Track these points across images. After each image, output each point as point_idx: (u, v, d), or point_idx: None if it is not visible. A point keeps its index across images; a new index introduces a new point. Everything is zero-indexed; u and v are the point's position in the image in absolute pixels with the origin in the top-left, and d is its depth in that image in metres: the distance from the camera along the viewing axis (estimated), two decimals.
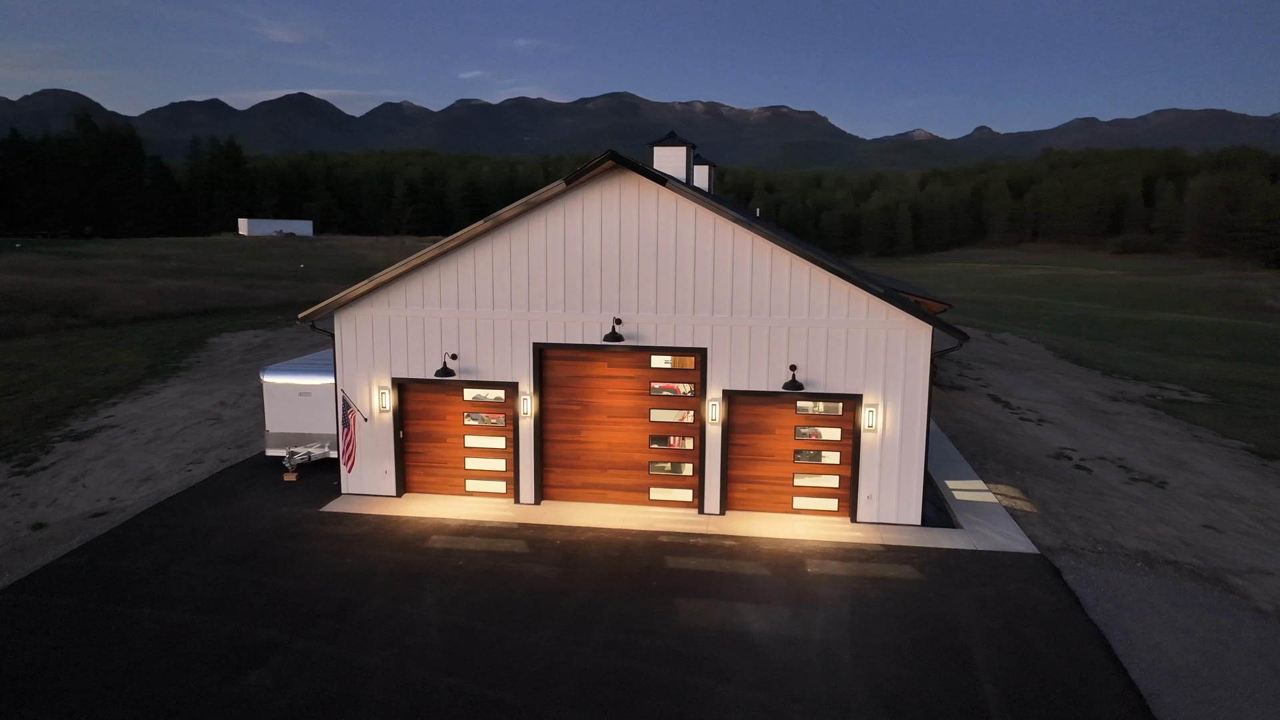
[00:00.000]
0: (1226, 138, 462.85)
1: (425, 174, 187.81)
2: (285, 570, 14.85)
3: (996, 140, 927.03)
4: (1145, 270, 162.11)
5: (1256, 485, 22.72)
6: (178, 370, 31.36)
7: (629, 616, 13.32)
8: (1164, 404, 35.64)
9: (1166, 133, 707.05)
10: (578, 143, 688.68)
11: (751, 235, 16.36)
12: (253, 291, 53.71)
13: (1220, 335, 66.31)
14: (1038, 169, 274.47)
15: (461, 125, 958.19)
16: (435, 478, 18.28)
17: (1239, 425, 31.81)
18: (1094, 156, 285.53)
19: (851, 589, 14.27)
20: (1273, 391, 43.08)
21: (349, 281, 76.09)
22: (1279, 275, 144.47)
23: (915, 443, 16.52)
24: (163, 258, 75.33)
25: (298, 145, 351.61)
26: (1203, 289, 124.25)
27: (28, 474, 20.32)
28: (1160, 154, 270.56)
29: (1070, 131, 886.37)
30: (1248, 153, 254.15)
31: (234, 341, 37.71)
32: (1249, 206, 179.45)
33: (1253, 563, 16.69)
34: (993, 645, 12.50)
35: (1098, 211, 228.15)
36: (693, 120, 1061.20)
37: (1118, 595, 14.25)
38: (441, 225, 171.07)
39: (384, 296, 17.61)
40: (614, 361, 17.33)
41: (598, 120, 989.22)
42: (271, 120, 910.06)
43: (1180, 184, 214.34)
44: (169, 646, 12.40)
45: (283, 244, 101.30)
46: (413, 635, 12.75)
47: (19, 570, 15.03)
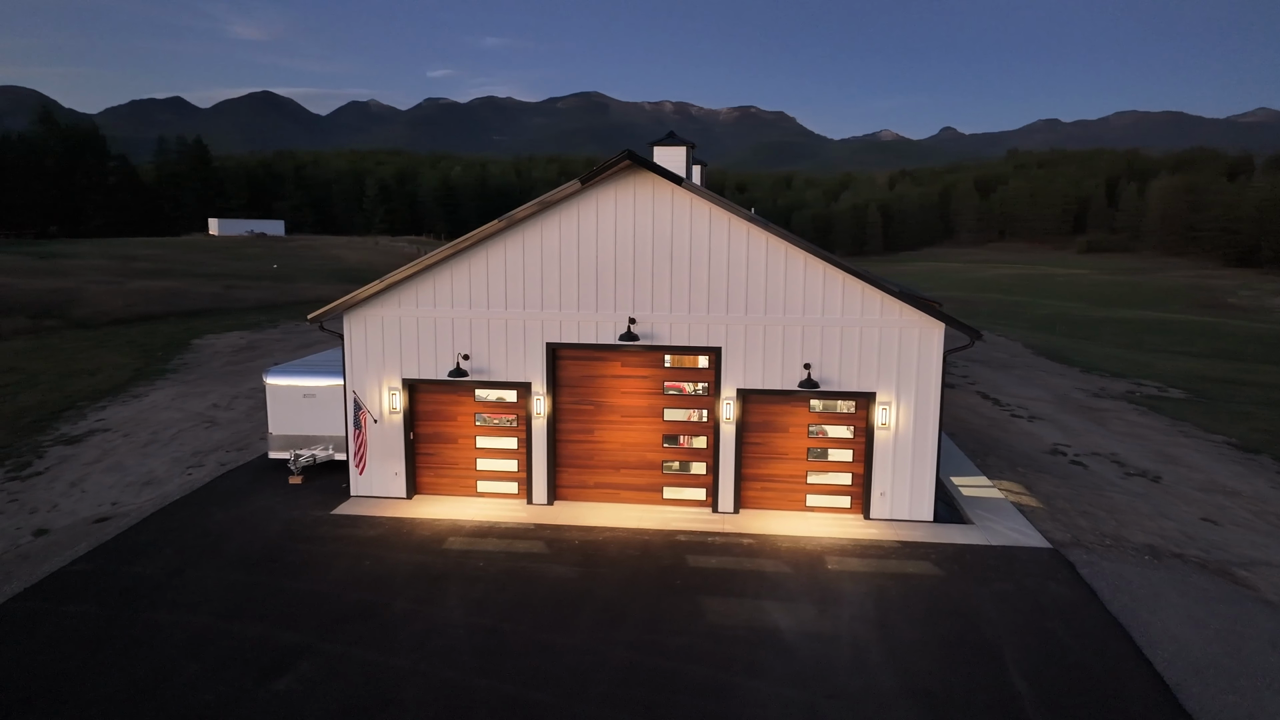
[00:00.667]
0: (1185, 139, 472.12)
1: (397, 173, 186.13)
2: (304, 574, 14.69)
3: (962, 141, 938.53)
4: (1111, 269, 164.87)
5: (1247, 479, 23.21)
6: (166, 372, 30.87)
7: (656, 615, 13.33)
8: (1145, 400, 36.31)
9: (1127, 134, 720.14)
10: (548, 142, 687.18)
11: (766, 235, 16.45)
12: (233, 292, 52.96)
13: (1191, 333, 67.67)
14: (1004, 169, 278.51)
15: (430, 124, 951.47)
16: (446, 479, 18.17)
17: (1219, 420, 32.48)
18: (1059, 157, 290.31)
19: (873, 585, 14.40)
20: (1246, 387, 44.03)
21: (327, 282, 75.73)
22: (1241, 274, 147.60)
23: (928, 440, 16.71)
24: (134, 258, 74.03)
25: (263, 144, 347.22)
26: (1168, 287, 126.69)
27: (22, 479, 19.90)
28: (1122, 155, 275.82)
29: (1034, 132, 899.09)
30: (1207, 153, 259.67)
31: (220, 343, 37.17)
32: (1210, 207, 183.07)
33: (1254, 555, 17.05)
34: (1018, 639, 12.68)
35: (1063, 211, 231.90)
36: (662, 120, 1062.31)
37: (1131, 589, 14.52)
38: (414, 225, 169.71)
39: (394, 297, 17.47)
40: (627, 361, 17.34)
41: (568, 120, 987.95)
42: (236, 118, 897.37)
43: (1142, 184, 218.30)
44: (194, 652, 12.22)
45: (255, 244, 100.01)
46: (441, 637, 12.68)
47: (27, 577, 14.74)
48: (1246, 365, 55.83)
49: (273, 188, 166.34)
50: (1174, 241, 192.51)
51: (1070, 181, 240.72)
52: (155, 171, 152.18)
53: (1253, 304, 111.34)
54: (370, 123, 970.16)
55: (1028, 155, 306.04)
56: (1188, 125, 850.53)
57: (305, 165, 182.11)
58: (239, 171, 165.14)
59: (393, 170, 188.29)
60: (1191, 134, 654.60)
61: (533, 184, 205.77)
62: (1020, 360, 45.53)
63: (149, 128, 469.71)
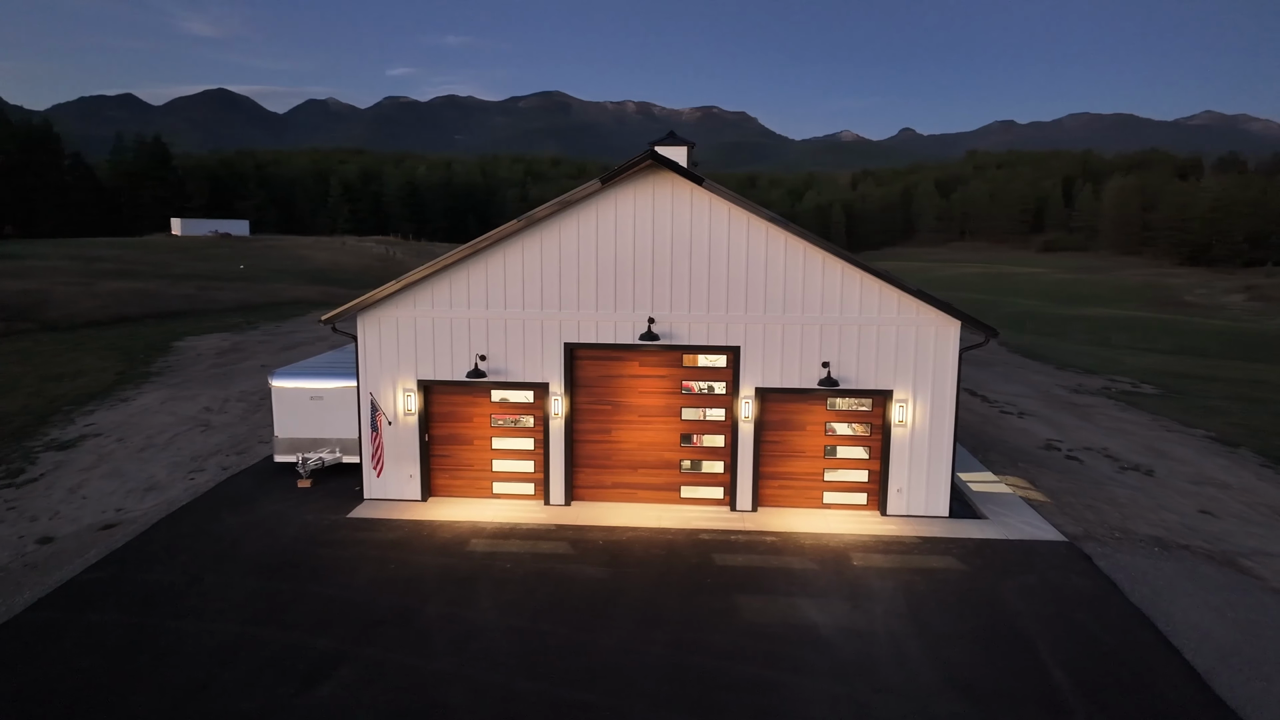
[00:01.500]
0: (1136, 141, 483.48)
1: (360, 173, 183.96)
2: (329, 578, 14.48)
3: (921, 141, 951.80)
4: (1070, 268, 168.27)
5: (1233, 472, 23.86)
6: (151, 375, 30.19)
7: (691, 614, 13.37)
8: (1121, 396, 37.16)
9: (1080, 135, 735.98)
10: (511, 141, 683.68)
11: (785, 234, 16.57)
12: (208, 293, 51.94)
13: (1155, 330, 69.34)
14: (964, 170, 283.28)
15: (391, 123, 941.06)
16: (461, 481, 18.02)
17: (1195, 415, 33.33)
18: (1016, 158, 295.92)
19: (900, 580, 14.57)
20: (1213, 383, 45.25)
21: (299, 282, 74.68)
22: (1195, 272, 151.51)
23: (944, 436, 16.95)
24: (96, 259, 72.32)
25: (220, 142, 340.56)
26: (1127, 285, 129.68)
27: (17, 486, 19.35)
28: (1078, 156, 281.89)
29: (990, 133, 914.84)
30: (1158, 155, 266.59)
31: (202, 345, 36.43)
32: (1162, 207, 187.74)
33: (1254, 545, 17.53)
34: (1050, 631, 12.91)
35: (1021, 211, 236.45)
36: (625, 120, 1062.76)
37: (1148, 579, 14.86)
38: (380, 225, 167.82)
39: (410, 297, 17.29)
40: (645, 361, 17.35)
41: (530, 119, 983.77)
42: (190, 116, 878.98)
43: (1097, 185, 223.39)
44: (227, 660, 12.00)
45: (220, 244, 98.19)
46: (478, 640, 12.59)
47: (39, 586, 14.35)
48: (1209, 361, 57.40)
49: (234, 187, 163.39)
50: (1129, 241, 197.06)
51: (1028, 182, 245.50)
52: (112, 170, 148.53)
53: (1208, 301, 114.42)
54: (330, 121, 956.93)
55: (986, 156, 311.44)
56: (1137, 127, 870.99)
57: (267, 164, 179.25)
58: (199, 170, 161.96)
59: (356, 169, 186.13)
60: (1141, 136, 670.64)
61: (498, 184, 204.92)
62: (999, 358, 46.30)
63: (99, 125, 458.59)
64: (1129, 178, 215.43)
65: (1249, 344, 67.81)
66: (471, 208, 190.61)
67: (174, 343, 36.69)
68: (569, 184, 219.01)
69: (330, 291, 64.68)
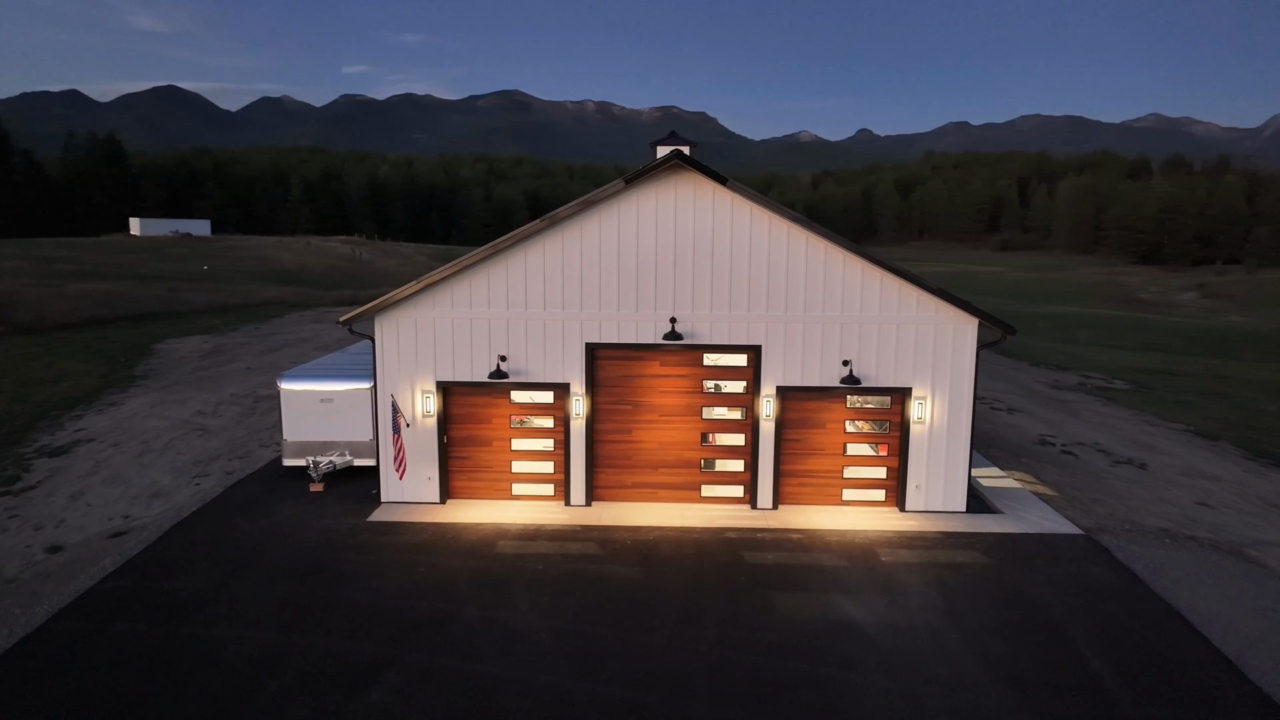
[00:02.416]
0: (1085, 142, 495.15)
1: (321, 171, 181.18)
2: (359, 583, 14.29)
3: (878, 142, 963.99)
4: (1027, 266, 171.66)
5: (1220, 464, 24.55)
6: (135, 379, 29.45)
7: (732, 612, 13.43)
8: (1097, 391, 38.05)
9: (1032, 136, 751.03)
10: (470, 141, 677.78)
11: (806, 233, 16.71)
12: (180, 295, 50.76)
13: (1118, 327, 71.06)
14: (922, 170, 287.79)
15: (347, 121, 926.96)
16: (480, 482, 17.88)
17: (1170, 409, 34.23)
18: (972, 159, 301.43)
19: (930, 575, 14.79)
20: (1179, 378, 46.50)
21: (268, 283, 73.41)
22: (1147, 270, 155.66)
23: (961, 433, 17.23)
24: (53, 260, 70.34)
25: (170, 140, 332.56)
26: (1084, 284, 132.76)
27: (15, 494, 18.78)
28: (1032, 157, 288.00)
29: (945, 134, 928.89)
30: (1108, 156, 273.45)
31: (183, 347, 35.62)
32: (1114, 207, 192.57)
33: (1255, 535, 18.06)
34: (1082, 622, 13.19)
35: (978, 211, 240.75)
36: (585, 119, 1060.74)
37: (1165, 570, 15.25)
38: (342, 224, 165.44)
39: (429, 298, 17.11)
40: (666, 360, 17.37)
41: (489, 118, 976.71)
42: (139, 113, 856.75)
43: (1051, 185, 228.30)
44: (269, 668, 11.79)
45: (181, 244, 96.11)
46: (523, 642, 12.52)
47: (57, 597, 13.95)
48: (1172, 357, 58.95)
49: (192, 186, 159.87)
50: (1083, 240, 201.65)
51: (984, 182, 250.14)
52: (64, 168, 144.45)
53: (1162, 299, 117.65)
54: (284, 119, 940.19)
55: (944, 157, 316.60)
56: (1087, 129, 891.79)
57: (226, 163, 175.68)
58: (154, 169, 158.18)
59: (317, 168, 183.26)
60: (1091, 137, 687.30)
61: (461, 183, 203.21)
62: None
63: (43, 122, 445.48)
64: (1081, 178, 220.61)
65: (1206, 340, 69.80)
66: (435, 207, 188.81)
67: (154, 345, 35.83)
68: (532, 184, 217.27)
69: (306, 292, 63.65)
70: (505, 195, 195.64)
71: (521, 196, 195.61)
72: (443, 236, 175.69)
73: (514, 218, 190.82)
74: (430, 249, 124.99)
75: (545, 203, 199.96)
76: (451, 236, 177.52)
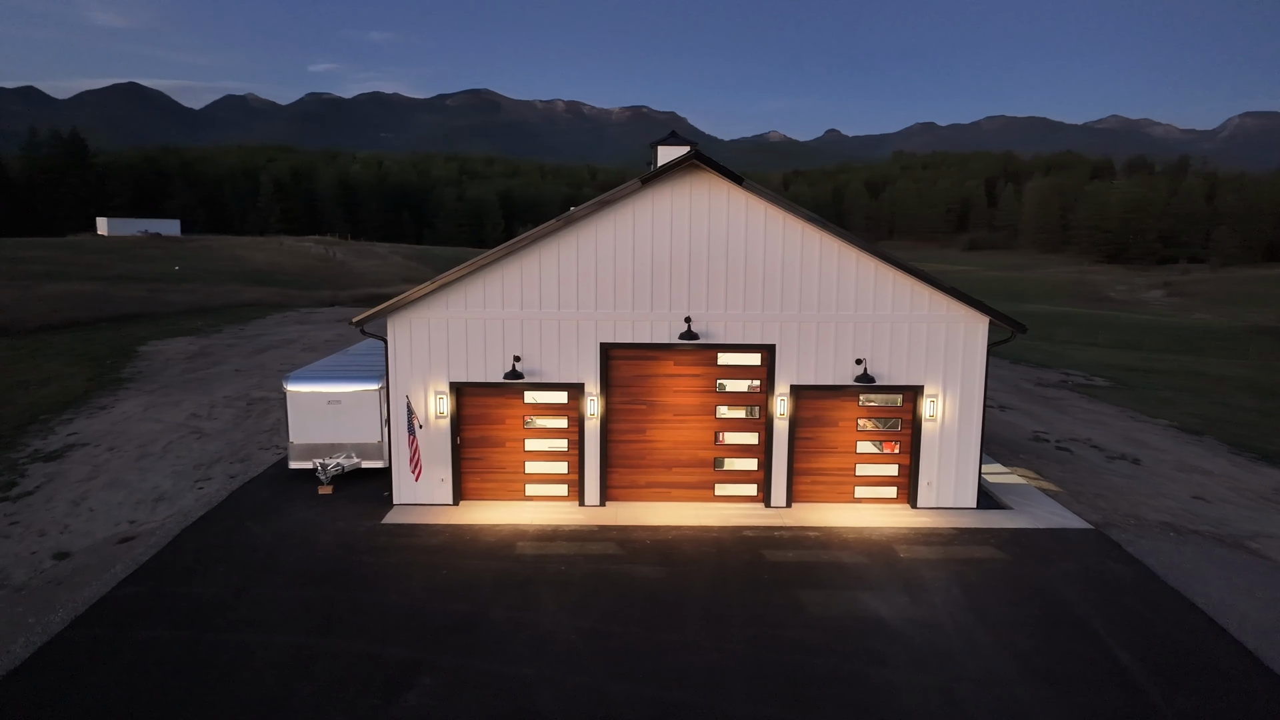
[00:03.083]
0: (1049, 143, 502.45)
1: (290, 170, 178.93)
2: (382, 586, 14.16)
3: (846, 143, 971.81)
4: (996, 265, 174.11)
5: (1209, 459, 25.09)
6: (123, 381, 28.90)
7: (759, 611, 13.48)
8: (1080, 388, 38.74)
9: (997, 137, 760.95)
10: (439, 140, 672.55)
11: (820, 233, 16.82)
12: (159, 296, 49.86)
13: (1092, 325, 72.31)
14: (891, 170, 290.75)
15: (313, 120, 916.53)
16: (492, 483, 17.79)
17: (1151, 405, 34.94)
18: (940, 159, 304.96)
19: (950, 571, 14.95)
20: (1156, 374, 47.49)
21: (244, 284, 72.50)
22: (1113, 269, 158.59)
23: (972, 430, 17.44)
24: (22, 260, 68.87)
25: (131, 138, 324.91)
26: (1053, 282, 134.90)
27: (13, 500, 18.36)
28: (999, 157, 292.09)
29: (912, 135, 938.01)
30: (1072, 157, 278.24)
31: (168, 349, 35.01)
32: (1080, 207, 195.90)
33: (1254, 528, 18.45)
34: (1104, 615, 13.41)
35: (946, 211, 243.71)
36: (555, 119, 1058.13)
37: (1175, 563, 15.55)
38: (313, 224, 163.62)
39: (442, 299, 16.98)
40: (680, 360, 17.40)
41: (458, 117, 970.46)
42: (99, 111, 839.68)
43: (1018, 185, 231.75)
44: (300, 672, 11.65)
45: (151, 245, 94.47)
46: (555, 643, 12.48)
47: (72, 604, 13.66)
48: (1146, 354, 60.18)
49: (159, 185, 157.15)
50: (1050, 239, 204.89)
51: (953, 182, 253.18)
52: (24, 167, 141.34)
53: (1130, 297, 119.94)
54: (249, 117, 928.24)
55: (912, 157, 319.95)
56: (1050, 130, 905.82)
57: (193, 162, 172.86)
58: (120, 167, 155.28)
59: (286, 167, 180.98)
60: (1054, 139, 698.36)
61: (433, 182, 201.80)
62: None
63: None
64: (1047, 179, 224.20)
65: (1177, 337, 71.31)
66: (407, 206, 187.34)
67: (139, 347, 35.17)
68: (505, 183, 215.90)
69: (286, 293, 62.85)
70: (478, 195, 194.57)
71: (495, 196, 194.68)
72: (415, 236, 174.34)
73: (487, 218, 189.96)
74: (405, 249, 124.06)
75: (518, 203, 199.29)
76: (424, 236, 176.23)
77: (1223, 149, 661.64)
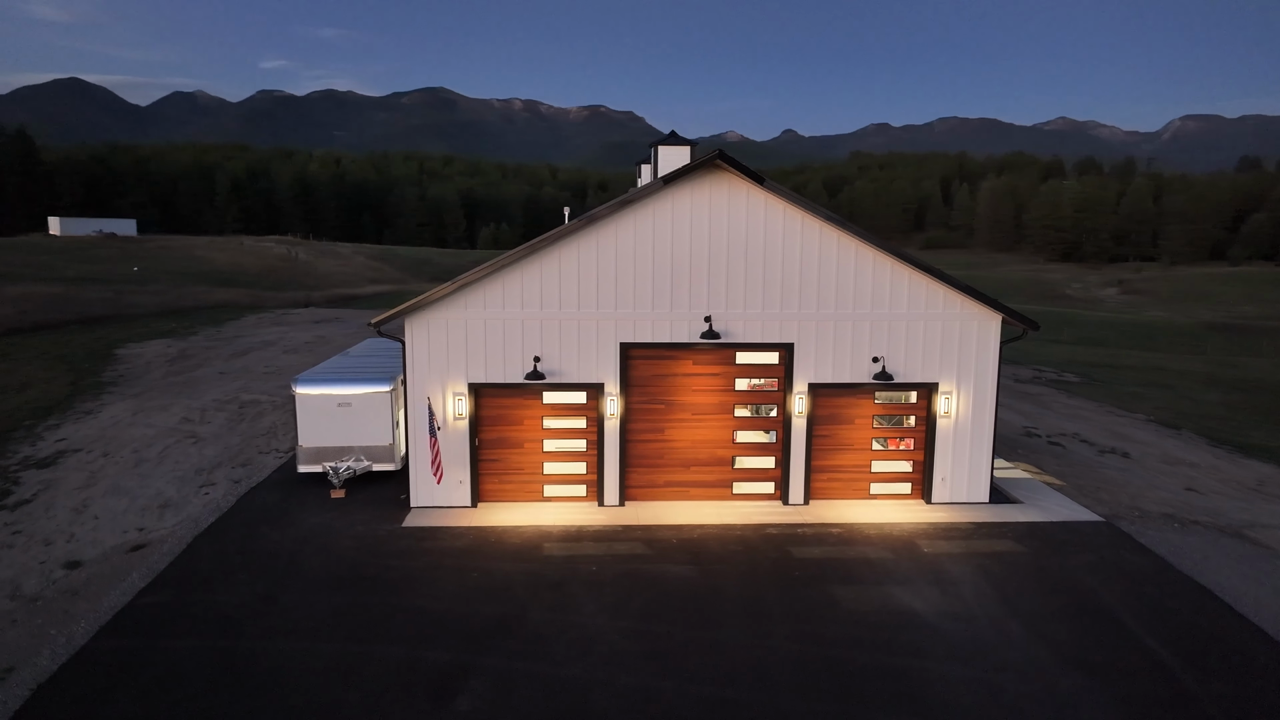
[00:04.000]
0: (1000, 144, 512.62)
1: (248, 169, 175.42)
2: (413, 590, 14.00)
3: (802, 143, 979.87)
4: (952, 265, 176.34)
5: (1191, 451, 25.83)
6: (105, 386, 28.11)
7: (795, 607, 13.58)
8: (1053, 384, 39.57)
9: (950, 138, 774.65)
10: (394, 138, 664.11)
11: (838, 232, 17.00)
12: (126, 298, 48.53)
13: (1056, 322, 73.71)
14: (848, 170, 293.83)
15: (265, 117, 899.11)
16: (511, 485, 17.67)
17: (1125, 400, 35.83)
18: (896, 159, 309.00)
19: (974, 564, 15.21)
20: (1122, 370, 48.68)
21: (210, 285, 71.02)
22: (1067, 268, 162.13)
23: (985, 425, 17.75)
24: None
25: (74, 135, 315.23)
26: (1010, 280, 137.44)
27: (10, 508, 17.79)
28: (953, 158, 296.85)
29: (867, 136, 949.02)
30: (1024, 158, 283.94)
31: (147, 352, 34.13)
32: (1033, 207, 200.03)
33: (1247, 518, 19.03)
34: (1128, 605, 13.75)
35: (903, 210, 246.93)
36: (512, 117, 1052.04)
37: (1186, 553, 15.99)
38: (271, 224, 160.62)
39: (460, 299, 16.82)
40: (699, 359, 17.45)
41: (414, 115, 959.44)
42: (38, 106, 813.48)
43: (973, 185, 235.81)
44: (345, 679, 11.49)
45: (106, 245, 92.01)
46: (597, 644, 12.46)
47: (93, 615, 13.30)
48: (1110, 350, 61.70)
49: (110, 183, 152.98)
50: (1004, 238, 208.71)
51: (909, 182, 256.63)
52: None
53: (1085, 295, 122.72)
54: (197, 115, 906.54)
55: (869, 157, 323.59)
56: (1001, 131, 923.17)
57: (145, 160, 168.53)
58: (69, 166, 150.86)
59: (242, 165, 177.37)
60: (1005, 140, 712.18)
61: (393, 182, 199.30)
62: None
63: None
64: (1000, 179, 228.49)
65: (1135, 334, 73.25)
66: (366, 206, 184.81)
67: (115, 350, 34.23)
68: (466, 182, 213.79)
69: (259, 294, 61.62)
70: (439, 195, 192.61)
71: (456, 195, 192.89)
72: (376, 236, 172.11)
73: (448, 217, 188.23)
74: (369, 249, 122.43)
75: (480, 202, 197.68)
76: (385, 236, 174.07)
77: (1164, 150, 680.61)
